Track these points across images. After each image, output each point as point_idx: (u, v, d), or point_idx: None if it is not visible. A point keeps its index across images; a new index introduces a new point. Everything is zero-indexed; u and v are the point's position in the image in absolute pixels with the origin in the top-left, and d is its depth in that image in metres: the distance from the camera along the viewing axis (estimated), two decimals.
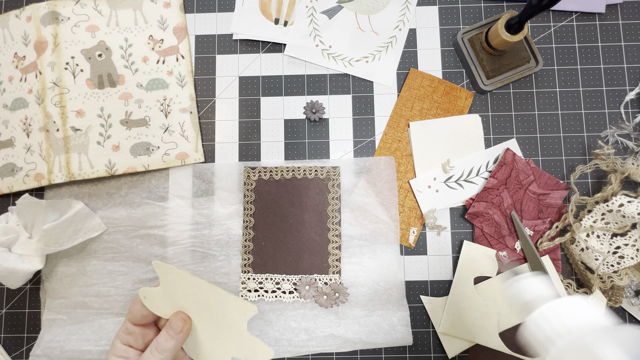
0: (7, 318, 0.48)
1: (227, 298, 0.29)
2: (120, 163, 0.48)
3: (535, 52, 0.48)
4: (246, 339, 0.30)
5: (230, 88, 0.50)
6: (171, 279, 0.30)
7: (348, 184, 0.48)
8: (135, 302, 0.32)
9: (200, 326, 0.31)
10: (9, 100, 0.49)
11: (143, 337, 0.32)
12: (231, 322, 0.30)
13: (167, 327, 0.31)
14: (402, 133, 0.49)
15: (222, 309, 0.30)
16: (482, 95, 0.50)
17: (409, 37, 0.50)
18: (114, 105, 0.49)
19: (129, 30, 0.50)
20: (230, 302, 0.29)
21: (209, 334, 0.31)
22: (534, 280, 0.26)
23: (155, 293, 0.31)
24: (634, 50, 0.49)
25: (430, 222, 0.47)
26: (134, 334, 0.32)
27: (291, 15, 0.51)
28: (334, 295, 0.46)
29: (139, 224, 0.48)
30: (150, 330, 0.33)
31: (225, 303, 0.30)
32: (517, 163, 0.47)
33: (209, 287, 0.30)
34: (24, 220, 0.44)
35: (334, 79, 0.50)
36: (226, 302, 0.30)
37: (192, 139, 0.49)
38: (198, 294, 0.30)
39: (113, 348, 0.32)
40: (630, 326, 0.19)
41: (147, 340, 0.33)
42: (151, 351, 0.30)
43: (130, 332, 0.32)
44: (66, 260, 0.48)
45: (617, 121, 0.49)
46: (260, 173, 0.48)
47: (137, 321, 0.32)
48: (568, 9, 0.50)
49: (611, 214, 0.44)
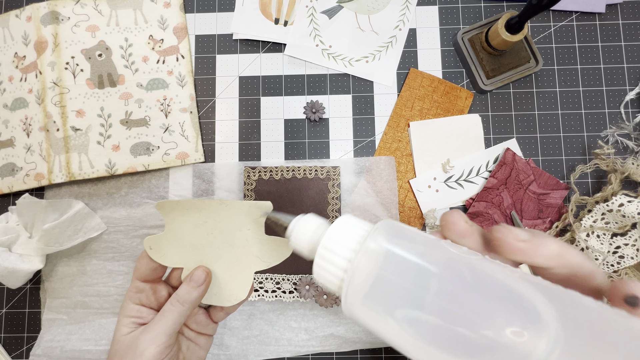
0: (7, 318, 0.48)
1: (240, 205, 0.29)
2: (120, 163, 0.48)
3: (535, 52, 0.48)
4: (266, 244, 0.29)
5: (230, 88, 0.50)
6: (178, 215, 0.29)
7: (348, 184, 0.48)
8: (141, 257, 0.31)
9: (215, 259, 0.30)
10: (9, 100, 0.49)
11: (155, 294, 0.31)
12: (247, 232, 0.29)
13: (187, 279, 0.30)
14: (402, 133, 0.49)
15: (236, 223, 0.29)
16: (482, 95, 0.50)
17: (409, 37, 0.51)
18: (114, 105, 0.49)
19: (129, 30, 0.50)
20: (243, 208, 0.29)
21: (225, 263, 0.30)
22: (305, 219, 0.24)
23: (161, 239, 0.30)
24: (634, 50, 0.49)
25: (430, 222, 0.47)
26: (144, 291, 0.31)
27: (291, 15, 0.51)
28: (334, 295, 0.46)
29: (139, 224, 0.48)
30: (160, 286, 0.32)
31: (238, 214, 0.29)
32: (517, 163, 0.47)
33: (220, 204, 0.29)
34: (24, 220, 0.44)
35: (334, 79, 0.50)
36: (239, 212, 0.29)
37: (192, 138, 0.49)
38: (209, 220, 0.29)
39: (123, 309, 0.30)
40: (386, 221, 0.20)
41: (159, 296, 0.31)
42: (172, 303, 0.29)
43: (141, 290, 0.31)
44: (66, 260, 0.48)
45: (617, 121, 0.49)
46: (260, 173, 0.48)
47: (146, 277, 0.31)
48: (568, 9, 0.50)
49: (611, 213, 0.44)
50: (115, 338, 0.29)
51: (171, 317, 0.29)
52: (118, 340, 0.29)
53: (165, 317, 0.29)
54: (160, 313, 0.29)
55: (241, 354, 0.46)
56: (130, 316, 0.30)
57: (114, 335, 0.30)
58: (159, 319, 0.29)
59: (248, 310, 0.47)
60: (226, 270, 0.30)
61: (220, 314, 0.33)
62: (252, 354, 0.46)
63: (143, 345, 0.28)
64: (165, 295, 0.32)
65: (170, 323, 0.29)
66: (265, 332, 0.46)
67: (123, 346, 0.28)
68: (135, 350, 0.28)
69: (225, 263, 0.30)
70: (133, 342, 0.28)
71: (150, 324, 0.29)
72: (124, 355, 0.28)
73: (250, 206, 0.29)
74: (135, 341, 0.28)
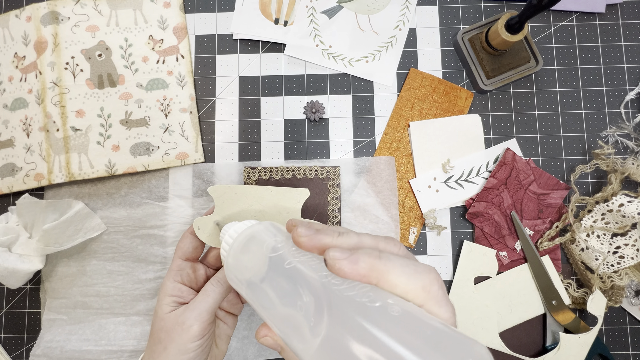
0: (7, 318, 0.48)
1: (283, 192, 0.34)
2: (120, 163, 0.48)
3: (535, 52, 0.48)
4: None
5: (230, 88, 0.50)
6: (227, 199, 0.33)
7: (348, 184, 0.48)
8: (184, 238, 0.34)
9: None
10: (9, 100, 0.49)
11: (195, 272, 0.35)
12: (287, 215, 0.34)
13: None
14: (402, 133, 0.49)
15: (278, 207, 0.34)
16: (482, 95, 0.50)
17: (409, 37, 0.50)
18: (114, 105, 0.49)
19: (129, 30, 0.50)
20: (286, 194, 0.34)
21: None
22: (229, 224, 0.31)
23: (209, 221, 0.33)
24: (634, 50, 0.49)
25: (430, 222, 0.47)
26: (185, 269, 0.34)
27: (291, 15, 0.51)
28: None
29: (139, 224, 0.48)
30: (199, 265, 0.35)
31: (281, 199, 0.34)
32: (517, 163, 0.47)
33: (266, 190, 0.34)
34: (24, 220, 0.44)
35: (334, 79, 0.50)
36: (282, 198, 0.34)
37: (192, 139, 0.49)
38: (254, 204, 0.34)
39: (165, 288, 0.33)
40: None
41: (197, 275, 0.35)
42: (213, 283, 0.32)
43: (182, 268, 0.34)
44: (66, 260, 0.48)
45: (617, 121, 0.49)
46: (260, 173, 0.48)
47: (189, 255, 0.34)
48: (568, 9, 0.50)
49: (611, 213, 0.44)
50: (159, 315, 0.32)
51: (213, 295, 0.32)
52: (162, 317, 0.32)
53: (208, 295, 0.32)
54: (202, 292, 0.32)
55: (241, 354, 0.46)
56: (172, 295, 0.32)
57: (156, 313, 0.32)
58: (201, 297, 0.32)
59: (248, 310, 0.47)
60: None
61: None
62: (252, 354, 0.46)
63: (189, 322, 0.30)
64: (203, 274, 0.35)
65: (212, 301, 0.31)
66: None
67: (169, 323, 0.31)
68: (182, 326, 0.30)
69: None
70: (178, 319, 0.31)
71: (194, 303, 0.31)
72: (171, 332, 0.31)
73: (292, 193, 0.34)
74: (180, 318, 0.31)
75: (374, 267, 0.19)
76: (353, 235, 0.22)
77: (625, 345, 0.46)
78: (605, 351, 0.44)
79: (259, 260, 0.24)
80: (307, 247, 0.22)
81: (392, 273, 0.19)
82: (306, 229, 0.22)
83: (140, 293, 0.47)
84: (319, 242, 0.22)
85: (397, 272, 0.19)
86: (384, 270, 0.19)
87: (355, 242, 0.21)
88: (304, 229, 0.22)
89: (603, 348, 0.44)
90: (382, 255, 0.19)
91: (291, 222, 0.25)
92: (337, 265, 0.19)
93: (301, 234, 0.22)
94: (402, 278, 0.18)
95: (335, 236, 0.22)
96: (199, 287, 0.35)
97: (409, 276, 0.19)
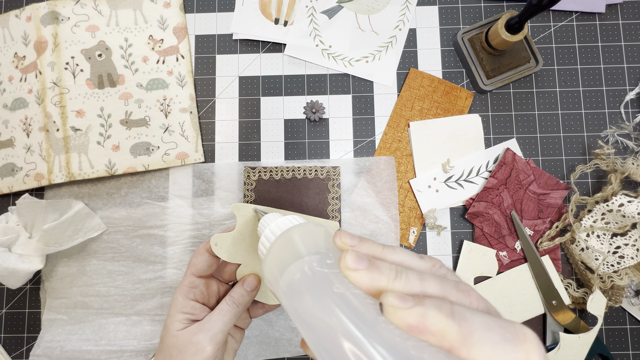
0: (7, 318, 0.48)
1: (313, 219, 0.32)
2: (120, 163, 0.48)
3: (535, 52, 0.48)
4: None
5: (230, 88, 0.50)
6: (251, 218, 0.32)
7: (348, 184, 0.48)
8: (199, 254, 0.33)
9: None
10: (9, 100, 0.49)
11: (207, 288, 0.34)
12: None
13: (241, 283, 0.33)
14: (402, 133, 0.49)
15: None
16: (482, 95, 0.50)
17: (409, 37, 0.50)
18: (114, 105, 0.49)
19: (129, 30, 0.50)
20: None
21: None
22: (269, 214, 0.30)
23: (228, 238, 0.32)
24: (634, 50, 0.49)
25: (430, 222, 0.47)
26: (198, 286, 0.33)
27: (291, 15, 0.51)
28: None
29: (139, 224, 0.48)
30: (212, 281, 0.34)
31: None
32: (517, 163, 0.47)
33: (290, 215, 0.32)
34: (24, 220, 0.44)
35: (334, 79, 0.50)
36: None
37: (192, 139, 0.49)
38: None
39: (177, 305, 0.32)
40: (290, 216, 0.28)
41: (210, 291, 0.34)
42: (227, 303, 0.32)
43: (195, 285, 0.33)
44: (66, 260, 0.48)
45: (617, 121, 0.49)
46: (260, 173, 0.48)
47: (203, 272, 0.33)
48: (568, 9, 0.50)
49: (611, 213, 0.44)
50: (170, 332, 0.31)
51: (229, 316, 0.31)
52: (174, 334, 0.31)
53: (224, 316, 0.31)
54: (218, 312, 0.31)
55: (241, 354, 0.46)
56: (185, 312, 0.32)
57: (168, 329, 0.31)
58: (217, 317, 0.31)
59: None
60: None
61: (260, 310, 0.36)
62: (252, 354, 0.46)
63: (203, 342, 0.30)
64: (216, 290, 0.35)
65: (227, 322, 0.31)
66: (265, 332, 0.46)
67: (181, 341, 0.30)
68: (196, 346, 0.30)
69: None
70: (192, 339, 0.30)
71: (208, 322, 0.31)
72: (184, 350, 0.30)
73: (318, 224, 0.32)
74: (194, 337, 0.30)
75: (447, 329, 0.15)
76: (414, 278, 0.18)
77: (625, 345, 0.46)
78: (605, 351, 0.44)
79: (303, 269, 0.22)
80: (357, 285, 0.18)
81: (471, 340, 0.14)
82: (356, 261, 0.18)
83: (140, 293, 0.47)
84: (372, 285, 0.17)
85: (479, 339, 0.14)
86: (460, 335, 0.15)
87: (417, 287, 0.17)
88: (353, 261, 0.18)
89: (603, 348, 0.44)
90: (455, 312, 0.15)
91: (339, 239, 0.21)
92: (398, 315, 0.15)
93: (350, 267, 0.18)
94: (486, 349, 0.14)
95: (392, 276, 0.18)
96: (212, 303, 0.34)
97: (495, 346, 0.14)
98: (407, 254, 0.20)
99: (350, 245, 0.20)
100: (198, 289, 0.33)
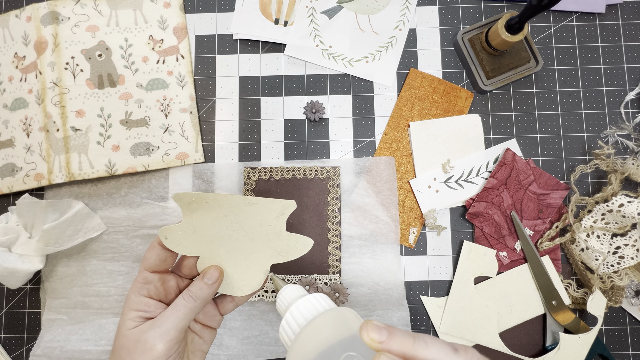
0: (7, 318, 0.48)
1: (265, 202, 0.30)
2: (120, 163, 0.48)
3: (535, 52, 0.48)
4: (285, 239, 0.31)
5: (230, 88, 0.50)
6: (197, 207, 0.30)
7: (348, 184, 0.48)
8: (151, 248, 0.31)
9: (233, 251, 0.31)
10: (9, 100, 0.49)
11: (163, 284, 0.31)
12: (268, 228, 0.30)
13: (201, 277, 0.30)
14: (402, 133, 0.49)
15: (257, 219, 0.30)
16: (482, 95, 0.50)
17: (409, 37, 0.50)
18: (114, 105, 0.49)
19: (129, 30, 0.50)
20: (267, 206, 0.30)
21: (243, 255, 0.31)
22: (289, 288, 0.30)
23: (177, 230, 0.30)
24: (634, 50, 0.49)
25: (430, 222, 0.47)
26: (152, 282, 0.30)
27: (291, 15, 0.51)
28: (334, 295, 0.46)
29: (139, 224, 0.48)
30: (169, 276, 0.32)
31: (261, 211, 0.30)
32: (517, 163, 0.47)
33: (243, 200, 0.30)
34: (24, 220, 0.44)
35: (334, 79, 0.50)
36: (262, 209, 0.30)
37: (192, 139, 0.49)
38: (229, 214, 0.30)
39: (129, 302, 0.29)
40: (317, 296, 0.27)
41: (167, 287, 0.31)
42: (184, 298, 0.29)
43: (149, 281, 0.30)
44: (66, 260, 0.48)
45: (617, 121, 0.49)
46: (260, 173, 0.48)
47: (156, 267, 0.30)
48: (568, 9, 0.50)
49: (611, 214, 0.44)
50: (121, 332, 0.28)
51: (183, 311, 0.29)
52: (124, 334, 0.28)
53: (178, 311, 0.29)
54: (172, 307, 0.29)
55: (241, 354, 0.46)
56: (137, 309, 0.29)
57: (119, 329, 0.29)
58: (170, 313, 0.28)
59: (247, 310, 0.47)
60: (243, 261, 0.31)
61: (230, 305, 0.33)
62: (251, 354, 0.46)
63: (153, 340, 0.27)
64: (174, 286, 0.32)
65: (182, 317, 0.28)
66: (265, 332, 0.46)
67: (130, 340, 0.28)
68: (145, 345, 0.27)
69: (242, 255, 0.31)
70: (142, 337, 0.27)
71: (160, 319, 0.28)
72: (132, 350, 0.27)
73: (274, 205, 0.30)
74: (144, 335, 0.27)
75: None
76: None
77: (625, 346, 0.46)
78: (605, 351, 0.44)
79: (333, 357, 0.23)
80: None
81: None
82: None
83: None
84: None
85: None
86: None
87: None
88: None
89: (603, 348, 0.44)
90: None
91: (367, 334, 0.20)
92: None
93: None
94: None
95: None
96: (170, 300, 0.31)
97: None
98: (441, 349, 0.20)
99: (379, 341, 0.20)
100: (152, 285, 0.30)
